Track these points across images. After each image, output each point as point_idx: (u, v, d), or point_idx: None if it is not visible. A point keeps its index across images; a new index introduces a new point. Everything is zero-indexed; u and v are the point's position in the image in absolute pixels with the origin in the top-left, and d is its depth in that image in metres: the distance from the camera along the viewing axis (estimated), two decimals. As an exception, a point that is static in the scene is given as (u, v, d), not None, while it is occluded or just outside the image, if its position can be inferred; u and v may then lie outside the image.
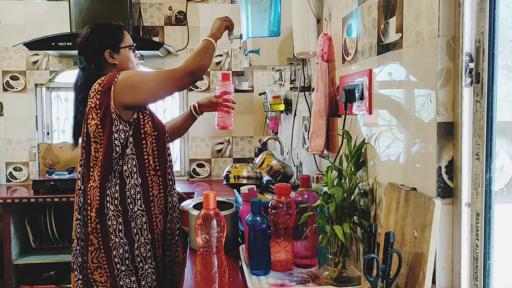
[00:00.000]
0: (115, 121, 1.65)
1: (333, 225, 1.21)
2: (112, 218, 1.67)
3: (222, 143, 3.44)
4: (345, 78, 1.49)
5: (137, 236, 1.67)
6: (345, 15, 1.50)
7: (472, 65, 0.89)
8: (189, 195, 2.73)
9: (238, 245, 1.59)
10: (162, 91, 1.71)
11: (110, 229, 1.66)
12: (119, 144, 1.67)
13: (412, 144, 1.04)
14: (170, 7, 3.31)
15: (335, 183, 1.29)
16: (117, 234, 1.66)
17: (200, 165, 3.43)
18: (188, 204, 1.85)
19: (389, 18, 1.15)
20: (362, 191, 1.33)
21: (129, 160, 1.69)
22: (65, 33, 2.87)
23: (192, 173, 3.43)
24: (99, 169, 1.68)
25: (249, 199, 1.41)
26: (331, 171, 1.28)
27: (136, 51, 1.88)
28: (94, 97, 1.68)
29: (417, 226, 0.96)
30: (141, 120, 1.69)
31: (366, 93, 1.30)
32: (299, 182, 1.49)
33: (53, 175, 2.99)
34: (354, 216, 1.29)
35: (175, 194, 1.82)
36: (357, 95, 1.35)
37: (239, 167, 1.95)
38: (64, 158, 3.25)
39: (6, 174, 3.29)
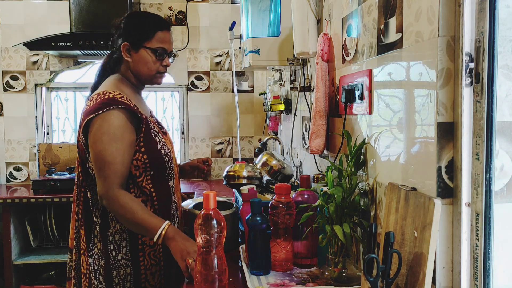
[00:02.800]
0: (85, 149, 1.44)
1: (333, 225, 1.21)
2: (96, 257, 1.45)
3: (222, 143, 3.44)
4: (345, 78, 1.49)
5: (118, 286, 1.44)
6: (345, 15, 1.50)
7: (472, 65, 0.89)
8: (189, 195, 2.73)
9: (238, 245, 1.59)
10: (94, 168, 1.41)
11: (91, 267, 1.45)
12: (92, 172, 1.44)
13: (412, 144, 1.04)
14: (170, 7, 3.31)
15: (335, 183, 1.29)
16: (97, 276, 1.44)
17: (200, 165, 3.43)
18: (188, 204, 1.84)
19: (389, 18, 1.15)
20: (362, 191, 1.33)
21: None
22: (65, 33, 2.87)
23: (192, 173, 3.43)
24: (79, 191, 1.48)
25: (249, 199, 1.41)
26: (331, 171, 1.28)
27: (169, 60, 1.54)
28: (87, 106, 1.45)
29: (417, 226, 0.96)
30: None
31: (366, 93, 1.30)
32: (299, 182, 1.49)
33: (53, 175, 2.99)
34: (354, 216, 1.29)
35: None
36: (357, 95, 1.35)
37: (239, 167, 1.95)
38: (64, 158, 3.25)
39: (6, 174, 3.29)
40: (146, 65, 1.50)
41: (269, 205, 1.36)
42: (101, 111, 1.37)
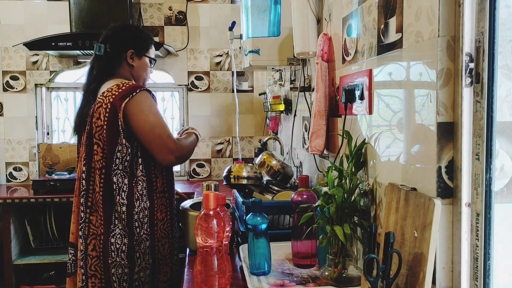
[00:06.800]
0: (121, 134, 1.60)
1: (333, 225, 1.21)
2: (118, 236, 1.62)
3: (222, 143, 3.44)
4: (345, 78, 1.49)
5: (139, 260, 1.64)
6: (345, 15, 1.50)
7: (472, 65, 0.89)
8: (189, 195, 2.73)
9: (238, 245, 1.59)
10: (150, 140, 1.61)
11: (113, 246, 1.62)
12: (120, 157, 1.61)
13: (412, 144, 1.04)
14: (170, 7, 3.31)
15: (335, 184, 1.29)
16: (119, 254, 1.62)
17: (200, 165, 3.43)
18: (187, 204, 1.84)
19: (389, 18, 1.15)
20: (362, 191, 1.33)
21: (140, 182, 1.65)
22: (65, 33, 2.87)
23: (192, 173, 3.43)
24: (98, 178, 1.62)
25: None
26: (332, 171, 1.28)
27: (152, 68, 1.88)
28: (108, 97, 1.61)
29: (417, 226, 0.96)
30: None
31: (366, 93, 1.30)
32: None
33: (53, 175, 2.98)
34: (354, 217, 1.29)
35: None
36: (357, 95, 1.35)
37: (238, 167, 1.95)
38: (64, 158, 3.25)
39: (6, 174, 3.29)
40: (145, 71, 1.84)
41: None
42: (134, 93, 1.61)
